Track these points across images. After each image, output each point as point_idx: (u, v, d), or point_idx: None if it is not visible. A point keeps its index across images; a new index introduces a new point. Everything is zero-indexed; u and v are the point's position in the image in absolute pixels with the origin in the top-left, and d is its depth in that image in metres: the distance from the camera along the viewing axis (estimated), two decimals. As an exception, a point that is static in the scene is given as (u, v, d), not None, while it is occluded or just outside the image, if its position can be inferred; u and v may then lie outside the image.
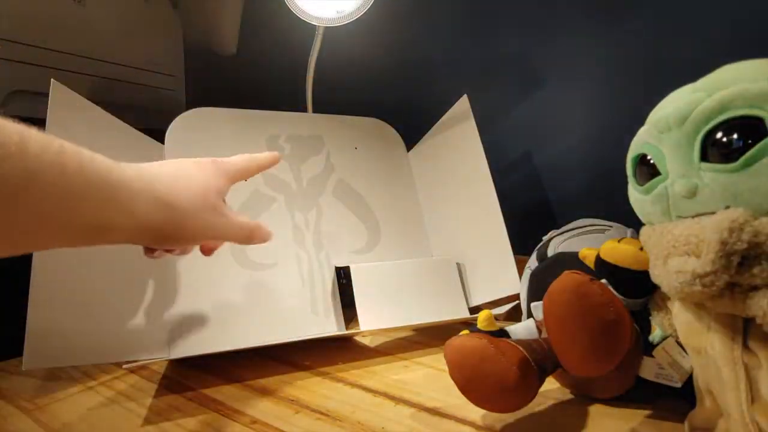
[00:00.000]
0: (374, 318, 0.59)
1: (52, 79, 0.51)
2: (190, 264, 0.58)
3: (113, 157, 0.28)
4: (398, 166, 0.77)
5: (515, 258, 0.69)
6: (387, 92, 0.88)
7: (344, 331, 0.60)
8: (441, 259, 0.68)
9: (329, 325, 0.61)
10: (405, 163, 0.77)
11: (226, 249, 0.60)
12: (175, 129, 0.66)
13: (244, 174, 0.39)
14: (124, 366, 0.50)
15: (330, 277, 0.64)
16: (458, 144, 0.68)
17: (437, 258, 0.69)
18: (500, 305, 0.60)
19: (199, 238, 0.34)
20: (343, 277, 0.64)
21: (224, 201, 0.37)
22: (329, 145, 0.73)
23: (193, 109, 0.67)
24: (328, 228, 0.68)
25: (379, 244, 0.70)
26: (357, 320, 0.58)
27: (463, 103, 0.67)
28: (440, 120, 0.71)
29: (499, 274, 0.63)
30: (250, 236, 0.37)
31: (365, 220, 0.71)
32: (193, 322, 0.55)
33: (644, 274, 0.33)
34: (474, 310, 0.66)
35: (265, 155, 0.41)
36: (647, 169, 0.31)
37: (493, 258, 0.64)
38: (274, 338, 0.57)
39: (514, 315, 0.56)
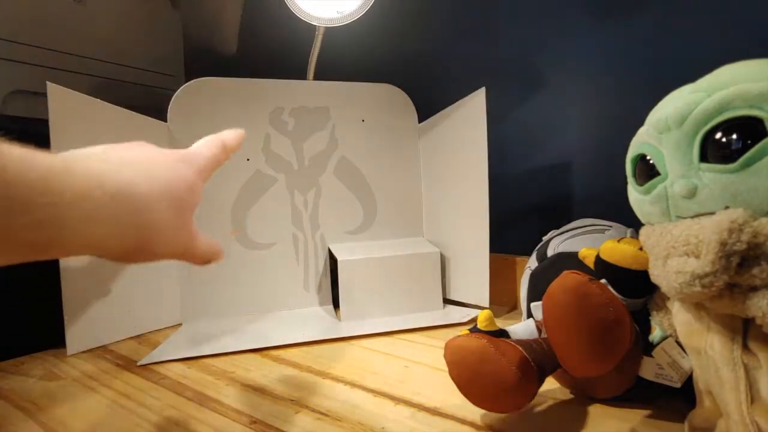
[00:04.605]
0: (355, 314, 0.64)
1: (47, 82, 0.52)
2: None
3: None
4: (406, 137, 0.76)
5: (515, 258, 0.69)
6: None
7: (333, 314, 0.66)
8: (425, 253, 0.69)
9: (318, 302, 0.69)
10: (414, 134, 0.76)
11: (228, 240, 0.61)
12: (177, 101, 0.66)
13: (215, 165, 0.33)
14: (140, 363, 0.53)
15: (323, 257, 0.70)
16: (464, 135, 0.67)
17: (422, 252, 0.69)
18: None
19: (167, 254, 0.28)
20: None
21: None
22: (335, 119, 0.72)
23: (195, 80, 0.67)
24: (325, 208, 0.71)
25: (373, 225, 0.73)
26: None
27: (479, 95, 0.63)
28: (454, 104, 0.69)
29: (471, 280, 0.65)
30: (210, 259, 0.33)
31: (363, 200, 0.73)
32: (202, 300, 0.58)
33: (644, 274, 0.33)
34: (449, 303, 0.70)
35: (229, 134, 0.35)
36: (647, 170, 0.31)
37: (471, 261, 0.66)
38: (269, 327, 0.61)
39: (513, 316, 0.56)
